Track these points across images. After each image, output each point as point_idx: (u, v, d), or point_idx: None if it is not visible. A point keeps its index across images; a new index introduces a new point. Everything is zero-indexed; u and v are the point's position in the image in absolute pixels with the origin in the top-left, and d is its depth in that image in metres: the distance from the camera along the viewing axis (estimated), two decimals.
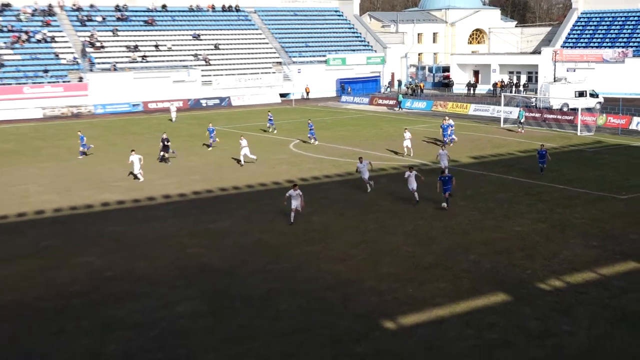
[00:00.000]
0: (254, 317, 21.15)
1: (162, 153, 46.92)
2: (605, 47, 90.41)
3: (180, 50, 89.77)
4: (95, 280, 24.52)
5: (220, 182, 40.27)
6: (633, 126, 60.49)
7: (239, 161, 45.70)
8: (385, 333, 20.03)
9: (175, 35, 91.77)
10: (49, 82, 76.93)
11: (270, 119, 61.08)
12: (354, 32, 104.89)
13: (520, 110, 61.28)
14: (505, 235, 29.20)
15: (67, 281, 24.45)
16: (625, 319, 20.74)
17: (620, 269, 24.96)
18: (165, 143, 46.92)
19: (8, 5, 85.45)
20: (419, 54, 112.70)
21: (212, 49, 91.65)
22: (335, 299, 22.48)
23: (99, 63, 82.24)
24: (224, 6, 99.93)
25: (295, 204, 30.63)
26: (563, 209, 33.35)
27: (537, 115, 65.72)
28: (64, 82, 78.06)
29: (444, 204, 32.95)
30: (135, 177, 41.09)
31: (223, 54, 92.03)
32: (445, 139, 50.97)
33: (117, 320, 21.00)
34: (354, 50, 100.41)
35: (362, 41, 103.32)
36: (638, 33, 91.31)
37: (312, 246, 27.97)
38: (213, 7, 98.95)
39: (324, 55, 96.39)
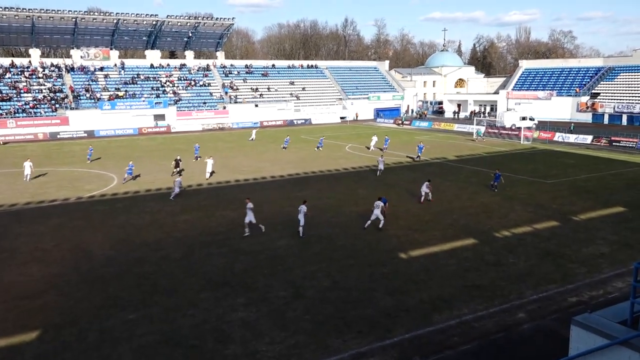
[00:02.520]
0: (323, 249, 21.19)
1: (176, 169, 37.65)
2: (539, 90, 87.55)
3: (282, 91, 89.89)
4: (230, 225, 24.88)
5: (304, 168, 40.33)
6: (556, 138, 58.55)
7: (211, 174, 37.16)
8: (401, 260, 19.88)
9: (279, 82, 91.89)
10: (206, 109, 77.98)
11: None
12: (385, 80, 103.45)
13: (478, 130, 60.42)
14: (475, 203, 28.62)
15: (214, 225, 24.90)
16: (548, 255, 20.21)
17: (546, 225, 24.29)
18: (178, 162, 38.42)
19: (184, 65, 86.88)
20: (424, 94, 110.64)
21: (301, 90, 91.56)
22: (372, 239, 22.37)
23: (234, 98, 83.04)
24: (308, 65, 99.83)
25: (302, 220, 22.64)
26: (511, 188, 32.48)
27: (496, 130, 64.15)
28: (214, 109, 79.02)
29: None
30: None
31: (307, 93, 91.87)
32: (384, 147, 49.37)
33: (242, 249, 21.28)
34: (385, 91, 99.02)
35: (390, 86, 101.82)
36: (559, 82, 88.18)
37: (357, 207, 27.85)
38: (302, 66, 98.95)
39: (367, 94, 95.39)
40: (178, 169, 37.81)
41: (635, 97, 76.17)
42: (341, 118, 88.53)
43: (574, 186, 33.04)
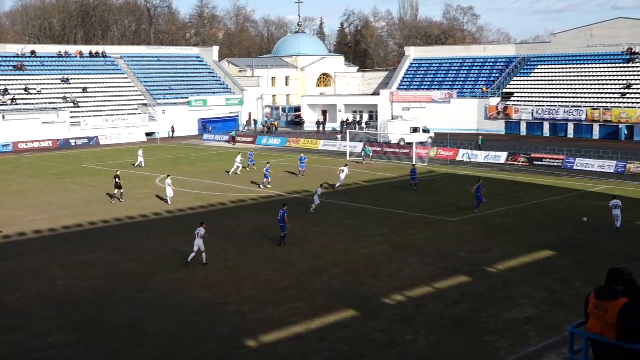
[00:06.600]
0: (123, 343, 20.49)
1: (116, 191, 43.39)
2: (434, 89, 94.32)
3: (50, 93, 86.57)
4: None
5: (89, 216, 38.90)
6: (459, 157, 63.25)
7: None
8: (248, 351, 19.90)
9: (44, 79, 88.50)
10: None
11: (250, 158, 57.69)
12: (214, 76, 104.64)
13: (365, 147, 63.22)
14: (353, 257, 29.70)
15: None
16: (458, 326, 21.53)
17: (451, 282, 25.94)
18: (117, 181, 43.37)
19: None
20: (274, 96, 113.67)
21: (80, 92, 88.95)
22: (201, 322, 22.13)
23: None
24: (91, 52, 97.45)
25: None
26: (402, 231, 34.32)
27: (379, 149, 67.44)
28: None
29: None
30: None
31: (91, 97, 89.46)
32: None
33: None
34: (214, 92, 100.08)
35: (221, 84, 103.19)
36: (460, 78, 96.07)
37: (178, 274, 27.45)
38: (81, 53, 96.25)
39: (186, 97, 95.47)
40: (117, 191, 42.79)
41: (558, 97, 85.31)
42: (148, 135, 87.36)
43: (487, 224, 35.88)
